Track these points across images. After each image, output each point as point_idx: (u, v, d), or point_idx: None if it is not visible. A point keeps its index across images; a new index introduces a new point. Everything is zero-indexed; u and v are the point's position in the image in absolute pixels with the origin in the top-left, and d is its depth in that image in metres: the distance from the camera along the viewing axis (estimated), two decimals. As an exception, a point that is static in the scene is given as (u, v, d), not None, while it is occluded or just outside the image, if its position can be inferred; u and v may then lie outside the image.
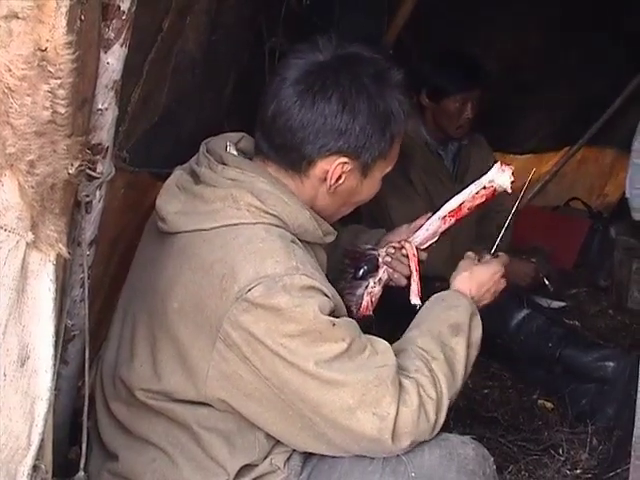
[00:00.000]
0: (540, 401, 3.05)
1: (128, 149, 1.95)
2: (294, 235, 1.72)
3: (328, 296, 1.65)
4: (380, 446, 1.65)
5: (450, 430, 1.81)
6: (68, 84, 1.24)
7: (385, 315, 2.18)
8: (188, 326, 1.65)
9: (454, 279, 1.96)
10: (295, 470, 1.74)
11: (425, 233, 2.05)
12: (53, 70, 1.22)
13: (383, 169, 1.81)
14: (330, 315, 1.63)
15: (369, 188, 1.83)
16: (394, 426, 1.63)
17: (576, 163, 4.80)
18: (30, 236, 1.27)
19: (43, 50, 1.20)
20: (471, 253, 2.04)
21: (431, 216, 2.06)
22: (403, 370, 1.70)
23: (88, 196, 1.56)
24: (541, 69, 4.10)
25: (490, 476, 1.76)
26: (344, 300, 1.82)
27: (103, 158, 1.60)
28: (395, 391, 1.64)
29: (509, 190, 1.98)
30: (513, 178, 1.96)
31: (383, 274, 2.05)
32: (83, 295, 1.70)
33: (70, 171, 1.30)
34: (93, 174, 1.58)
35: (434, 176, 3.36)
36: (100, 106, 1.53)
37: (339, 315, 1.68)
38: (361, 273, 2.05)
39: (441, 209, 2.04)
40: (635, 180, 3.45)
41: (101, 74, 1.51)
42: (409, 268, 2.02)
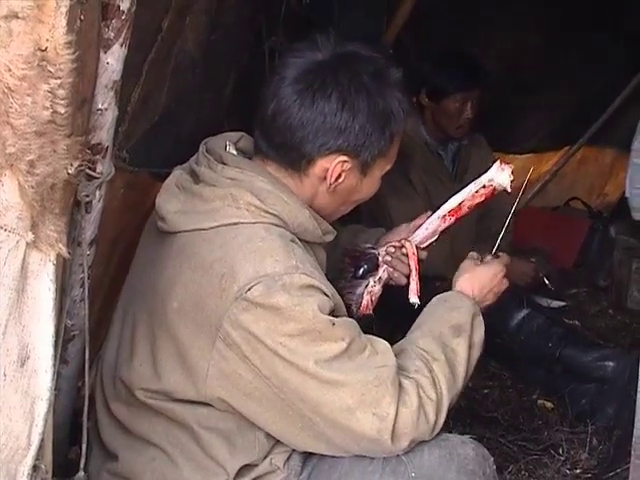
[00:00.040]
0: (540, 401, 3.04)
1: (128, 149, 1.95)
2: (294, 234, 1.71)
3: (328, 295, 1.65)
4: (379, 446, 1.65)
5: (450, 430, 1.81)
6: (68, 84, 1.24)
7: (385, 315, 2.18)
8: (188, 325, 1.65)
9: (457, 280, 1.95)
10: (295, 470, 1.74)
11: (425, 232, 2.05)
12: (53, 70, 1.22)
13: (383, 167, 1.81)
14: (330, 314, 1.63)
15: (369, 187, 1.83)
16: (393, 427, 1.62)
17: (576, 163, 4.80)
18: (30, 236, 1.27)
19: (43, 50, 1.20)
20: (474, 253, 2.03)
21: (431, 215, 2.05)
22: (403, 370, 1.69)
23: (88, 196, 1.56)
24: (541, 69, 4.09)
25: (490, 476, 1.75)
26: (344, 299, 1.82)
27: (103, 158, 1.60)
28: (395, 391, 1.63)
29: (509, 189, 1.97)
30: (513, 177, 1.96)
31: (383, 273, 2.04)
32: (83, 295, 1.70)
33: (70, 171, 1.30)
34: (93, 174, 1.58)
35: (434, 176, 3.35)
36: (100, 106, 1.53)
37: (339, 314, 1.68)
38: (361, 272, 2.05)
39: (441, 208, 2.04)
40: (635, 180, 3.46)
41: (101, 74, 1.51)
42: (409, 267, 2.02)
